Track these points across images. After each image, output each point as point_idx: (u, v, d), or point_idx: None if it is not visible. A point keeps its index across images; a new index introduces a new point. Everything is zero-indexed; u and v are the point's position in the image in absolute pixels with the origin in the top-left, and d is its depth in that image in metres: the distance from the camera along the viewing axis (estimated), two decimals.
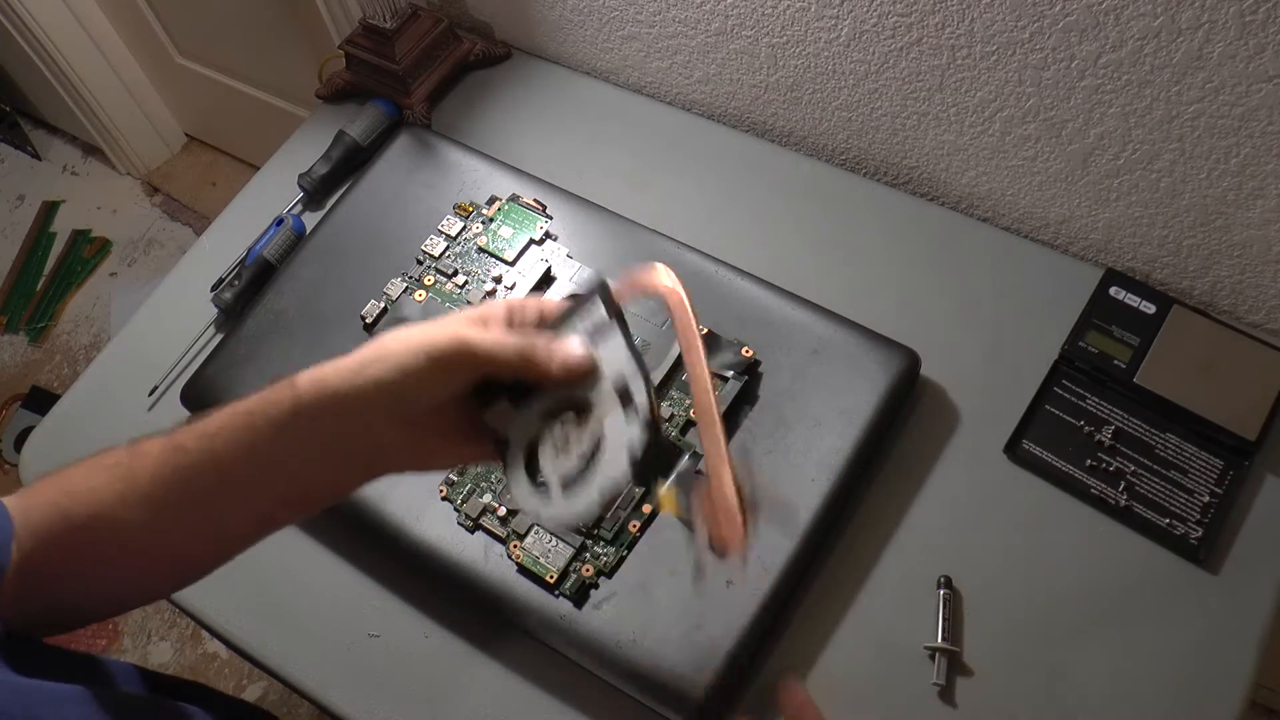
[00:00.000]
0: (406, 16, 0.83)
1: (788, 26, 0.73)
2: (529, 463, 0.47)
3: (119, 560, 0.46)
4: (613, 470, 0.44)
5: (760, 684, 0.60)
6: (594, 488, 0.44)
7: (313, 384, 0.46)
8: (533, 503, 0.46)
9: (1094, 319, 0.68)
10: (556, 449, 0.46)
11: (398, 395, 0.46)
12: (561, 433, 0.46)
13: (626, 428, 0.44)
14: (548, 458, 0.46)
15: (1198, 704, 0.57)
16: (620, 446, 0.44)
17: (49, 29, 1.55)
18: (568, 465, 0.45)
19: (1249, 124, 0.60)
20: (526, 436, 0.47)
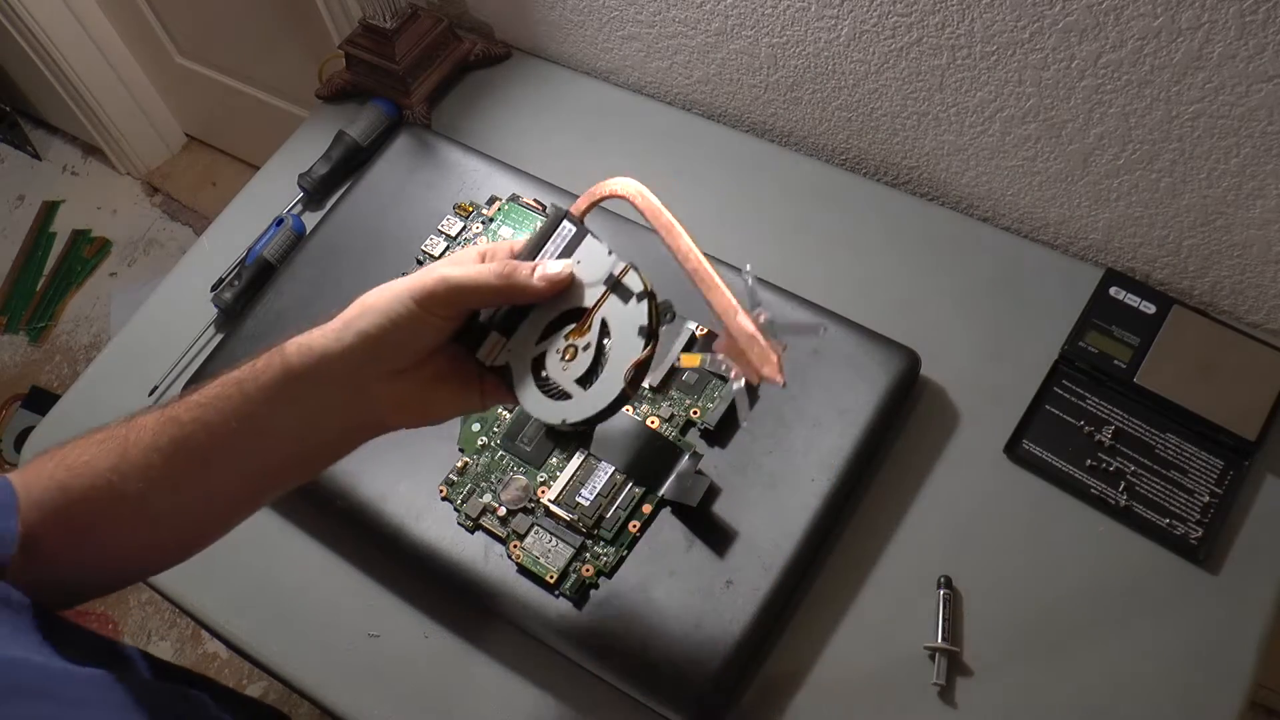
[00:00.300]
0: (406, 16, 0.83)
1: (788, 26, 0.73)
2: (538, 381, 0.48)
3: (119, 531, 0.46)
4: (626, 349, 0.46)
5: (760, 684, 0.60)
6: (614, 372, 0.46)
7: (300, 348, 0.47)
8: (555, 410, 0.47)
9: (1094, 319, 0.68)
10: (563, 358, 0.48)
11: (386, 345, 0.47)
12: (563, 343, 0.48)
13: (626, 308, 0.47)
14: (555, 368, 0.48)
15: (1198, 704, 0.57)
16: (627, 325, 0.46)
17: (49, 29, 1.55)
18: (580, 366, 0.47)
19: (1249, 124, 0.60)
20: (528, 358, 0.48)
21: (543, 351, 0.48)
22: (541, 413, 0.48)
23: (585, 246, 0.49)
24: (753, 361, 0.46)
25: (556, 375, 0.48)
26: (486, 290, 0.48)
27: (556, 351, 0.48)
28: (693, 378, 0.66)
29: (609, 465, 0.64)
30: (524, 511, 0.63)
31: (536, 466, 0.65)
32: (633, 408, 0.66)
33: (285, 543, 0.68)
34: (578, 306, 0.48)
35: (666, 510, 0.63)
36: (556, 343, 0.48)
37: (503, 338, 0.49)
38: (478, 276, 0.47)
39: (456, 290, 0.47)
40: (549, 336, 0.49)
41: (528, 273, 0.48)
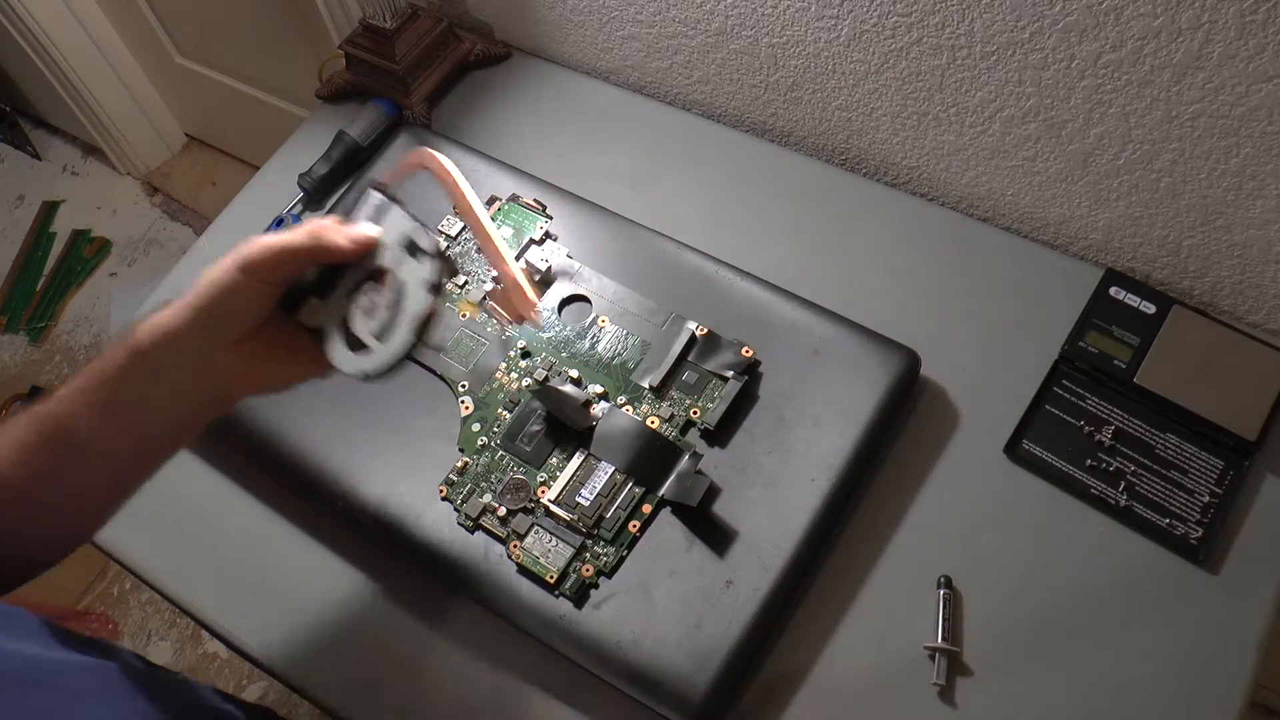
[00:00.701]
0: (406, 16, 0.83)
1: (788, 26, 0.73)
2: (347, 338, 0.54)
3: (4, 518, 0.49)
4: (415, 304, 0.52)
5: (760, 684, 0.60)
6: (403, 325, 0.52)
7: (149, 328, 0.51)
8: (355, 363, 0.53)
9: (1094, 319, 0.68)
10: (365, 314, 0.53)
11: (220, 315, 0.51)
12: (366, 300, 0.53)
13: (419, 266, 0.52)
14: (359, 323, 0.53)
15: (1198, 704, 0.57)
16: (418, 283, 0.52)
17: (49, 29, 1.56)
18: (378, 319, 0.53)
19: (1249, 124, 0.60)
20: (339, 316, 0.54)
21: (350, 310, 0.54)
22: (346, 366, 0.53)
23: (392, 214, 0.55)
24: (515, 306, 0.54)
25: (360, 331, 0.53)
26: (299, 249, 0.52)
27: (361, 310, 0.53)
28: (693, 377, 0.67)
29: (609, 465, 0.64)
30: (524, 512, 0.63)
31: (536, 466, 0.65)
32: (633, 408, 0.66)
33: (285, 543, 0.68)
34: (382, 268, 0.53)
35: (666, 510, 0.63)
36: (361, 301, 0.54)
37: (319, 301, 0.54)
38: (290, 238, 0.52)
39: (272, 252, 0.51)
40: (355, 296, 0.54)
41: (335, 232, 0.53)
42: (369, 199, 0.55)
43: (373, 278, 0.53)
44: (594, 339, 0.69)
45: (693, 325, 0.68)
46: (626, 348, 0.68)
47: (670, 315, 0.69)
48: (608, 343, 0.69)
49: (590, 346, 0.69)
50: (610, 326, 0.69)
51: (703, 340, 0.67)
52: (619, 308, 0.70)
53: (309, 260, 0.53)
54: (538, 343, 0.69)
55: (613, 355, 0.68)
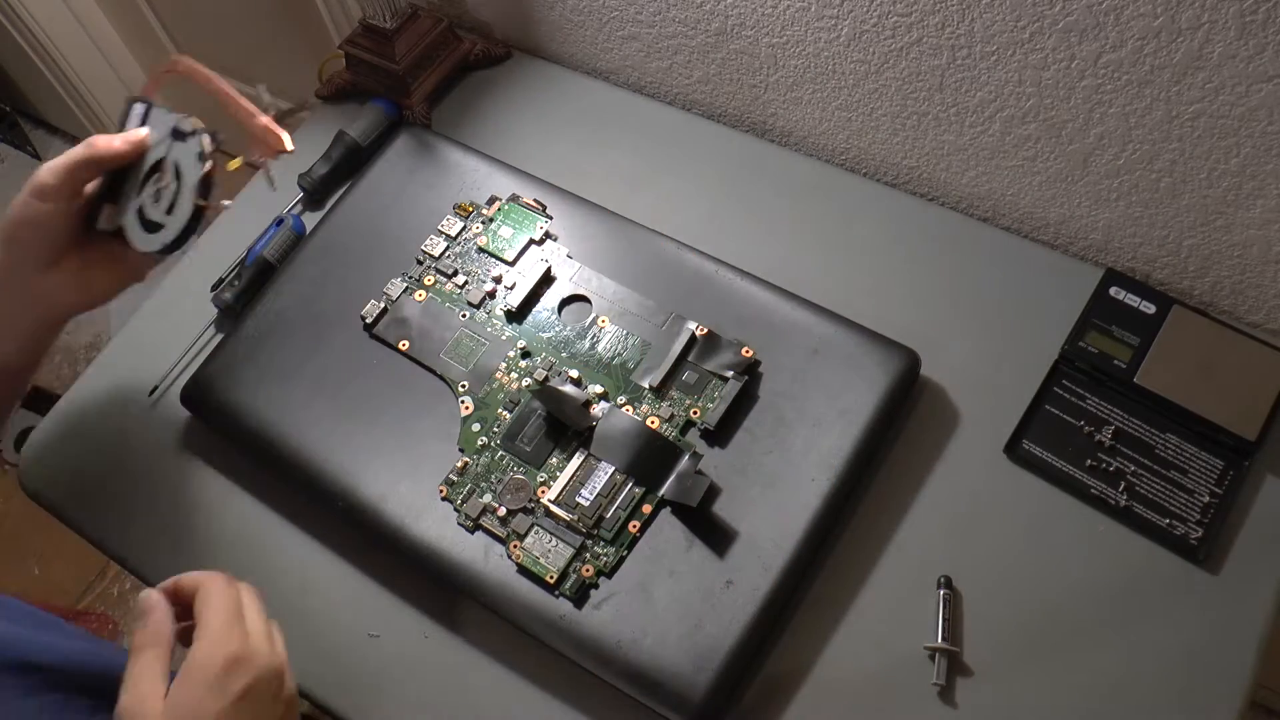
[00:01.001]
0: (406, 16, 0.83)
1: (788, 26, 0.73)
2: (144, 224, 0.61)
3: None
4: (192, 175, 0.61)
5: (760, 684, 0.60)
6: (185, 194, 0.61)
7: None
8: (155, 240, 0.61)
9: (1094, 319, 0.68)
10: (154, 200, 0.61)
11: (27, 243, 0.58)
12: (152, 189, 0.61)
13: (186, 146, 0.61)
14: (151, 210, 0.61)
15: (1198, 704, 0.57)
16: (190, 159, 0.61)
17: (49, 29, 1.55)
18: (165, 199, 0.61)
19: (1249, 124, 0.60)
20: (134, 212, 0.61)
21: (141, 203, 0.61)
22: (147, 245, 0.61)
23: (154, 115, 0.62)
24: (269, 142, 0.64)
25: (152, 214, 0.61)
26: (78, 159, 0.58)
27: (150, 198, 0.61)
28: (693, 377, 0.67)
29: (609, 465, 0.64)
30: (524, 512, 0.63)
31: (536, 466, 0.65)
32: (633, 408, 0.66)
33: (285, 543, 0.68)
34: (157, 160, 0.61)
35: (666, 510, 0.63)
36: (149, 191, 0.61)
37: (112, 205, 0.62)
38: (67, 155, 0.58)
39: (55, 170, 0.57)
40: (143, 190, 0.61)
41: (106, 139, 0.60)
42: (133, 110, 0.63)
43: (155, 170, 0.61)
44: (594, 339, 0.69)
45: (693, 325, 0.68)
46: (626, 348, 0.68)
47: (670, 315, 0.69)
48: (608, 343, 0.69)
49: (590, 346, 0.69)
50: (610, 326, 0.69)
51: (703, 340, 0.68)
52: (619, 308, 0.70)
53: (90, 168, 0.59)
54: (538, 343, 0.69)
55: (613, 355, 0.68)
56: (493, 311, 0.71)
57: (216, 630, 0.48)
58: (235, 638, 0.48)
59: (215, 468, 0.71)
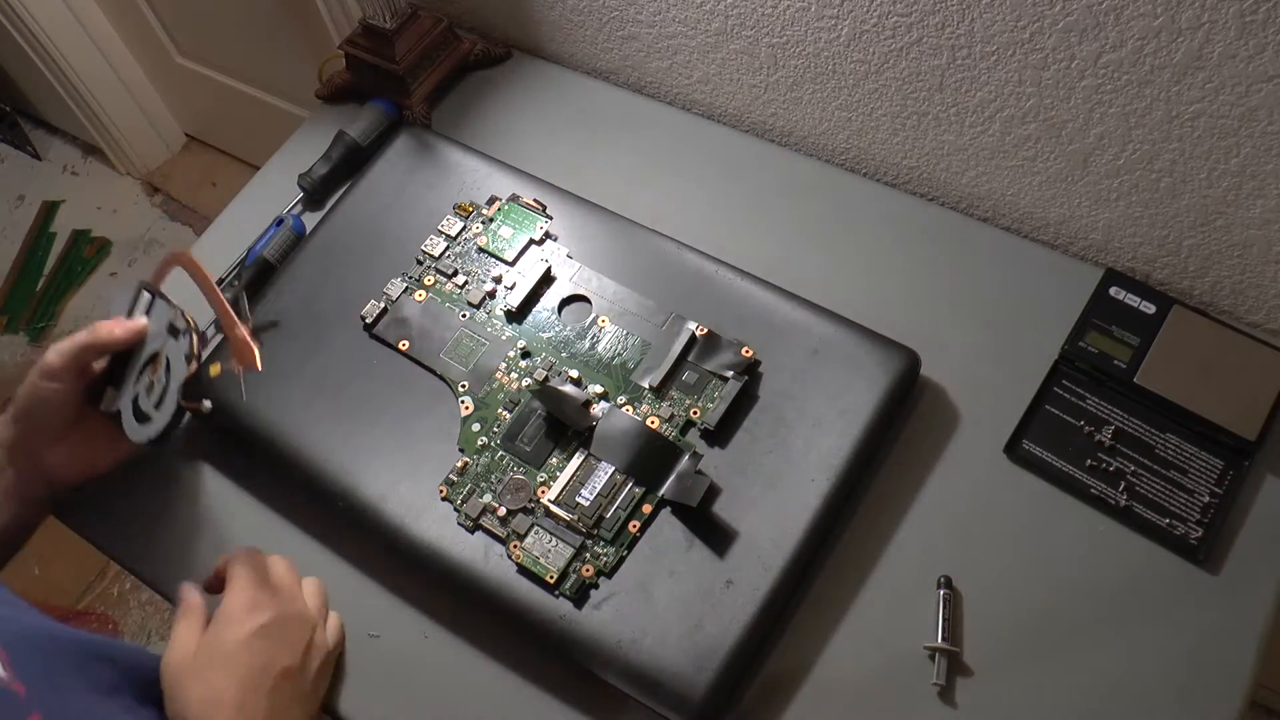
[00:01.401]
0: (406, 16, 0.83)
1: (788, 26, 0.73)
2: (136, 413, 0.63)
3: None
4: (179, 374, 0.63)
5: (760, 684, 0.60)
6: (171, 392, 0.62)
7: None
8: (142, 432, 0.63)
9: (1094, 319, 0.68)
10: (146, 391, 0.63)
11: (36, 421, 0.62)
12: (146, 379, 0.64)
13: (178, 344, 0.63)
14: (144, 400, 0.63)
15: (1198, 704, 0.57)
16: (179, 357, 0.63)
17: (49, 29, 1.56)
18: (155, 393, 0.63)
19: (1249, 124, 0.60)
20: (130, 399, 0.64)
21: (137, 392, 0.64)
22: (136, 436, 0.63)
23: (157, 307, 0.65)
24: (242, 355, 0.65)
25: (144, 405, 0.63)
26: (81, 345, 0.62)
27: (143, 388, 0.64)
28: (693, 377, 0.67)
29: (609, 465, 0.64)
30: (524, 512, 0.63)
31: (536, 466, 0.65)
32: (633, 408, 0.66)
33: (285, 543, 0.68)
34: (154, 352, 0.64)
35: (666, 510, 0.63)
36: (143, 381, 0.64)
37: (113, 389, 0.65)
38: (74, 338, 0.62)
39: (60, 354, 0.61)
40: (140, 379, 0.64)
41: (108, 327, 0.63)
42: (141, 298, 0.66)
43: (151, 361, 0.64)
44: (594, 339, 0.69)
45: (693, 325, 0.68)
46: (626, 348, 0.68)
47: (670, 315, 0.69)
48: (608, 343, 0.69)
49: (590, 346, 0.69)
50: (610, 326, 0.69)
51: (703, 340, 0.68)
52: (619, 308, 0.70)
53: (93, 352, 0.63)
54: (538, 343, 0.69)
55: (613, 355, 0.68)
56: (493, 311, 0.71)
57: (241, 586, 0.58)
58: (258, 587, 0.58)
59: (215, 467, 0.71)
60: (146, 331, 0.65)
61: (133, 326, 0.64)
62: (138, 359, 0.64)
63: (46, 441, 0.63)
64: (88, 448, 0.65)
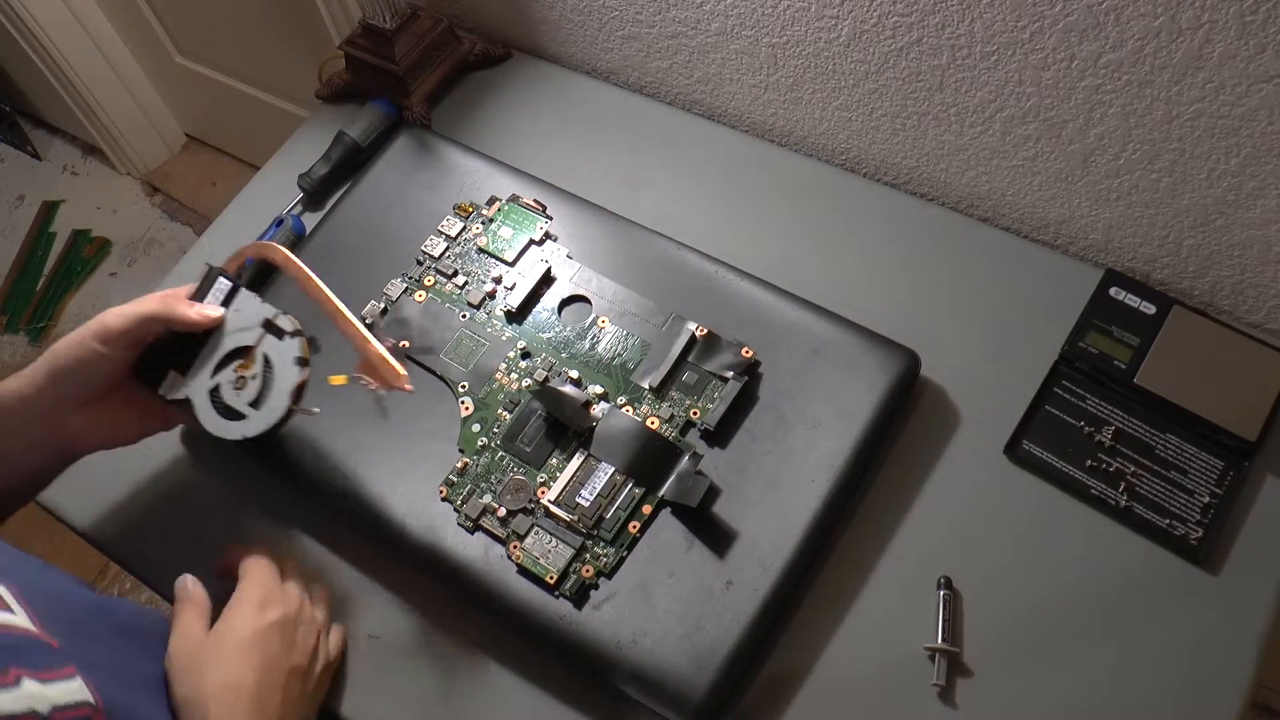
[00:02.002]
0: (406, 16, 0.83)
1: (788, 26, 0.73)
2: (216, 406, 0.60)
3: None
4: (287, 376, 0.60)
5: (760, 684, 0.60)
6: (279, 393, 0.59)
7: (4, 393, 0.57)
8: (234, 428, 0.60)
9: (1094, 319, 0.68)
10: (234, 387, 0.60)
11: (74, 381, 0.58)
12: (232, 375, 0.60)
13: (282, 344, 0.60)
14: (230, 395, 0.60)
15: (1198, 704, 0.57)
16: (285, 357, 0.60)
17: (49, 29, 1.55)
18: (250, 391, 0.60)
19: (1249, 124, 0.60)
20: (205, 390, 0.61)
21: (217, 384, 0.60)
22: (223, 431, 0.60)
23: (241, 297, 0.61)
24: (385, 376, 0.60)
25: (231, 400, 0.60)
26: (153, 314, 0.58)
27: (229, 383, 0.60)
28: (693, 378, 0.66)
29: (609, 465, 0.64)
30: (524, 512, 0.63)
31: (536, 467, 0.65)
32: (633, 408, 0.66)
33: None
34: (241, 346, 0.60)
35: (666, 510, 0.63)
36: (227, 375, 0.60)
37: (179, 375, 0.61)
38: (144, 304, 0.59)
39: (127, 318, 0.58)
40: (220, 371, 0.61)
41: (186, 305, 0.60)
42: (217, 284, 0.62)
43: (233, 357, 0.61)
44: (594, 339, 0.69)
45: (693, 326, 0.68)
46: (626, 348, 0.68)
47: (670, 315, 0.69)
48: (608, 343, 0.69)
49: (590, 347, 0.69)
50: (610, 327, 0.69)
51: (703, 341, 0.68)
52: (619, 308, 0.70)
53: (160, 325, 0.59)
54: (538, 343, 0.69)
55: (613, 356, 0.68)
56: (493, 312, 0.71)
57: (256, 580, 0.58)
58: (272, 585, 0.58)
59: (214, 468, 0.71)
60: (223, 322, 0.61)
61: (211, 314, 0.61)
62: (214, 349, 0.61)
63: (75, 404, 0.59)
64: (114, 419, 0.61)
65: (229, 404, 0.60)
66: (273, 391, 0.59)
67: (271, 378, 0.60)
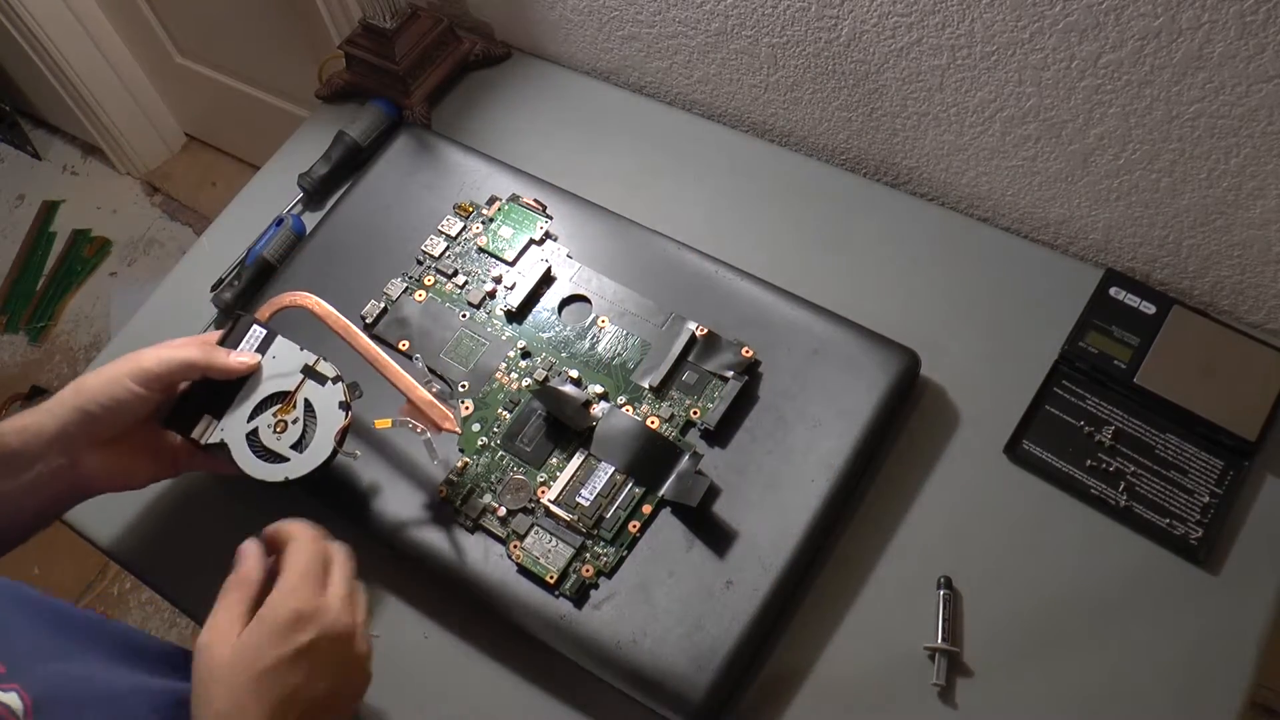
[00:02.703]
0: (406, 16, 0.83)
1: (788, 26, 0.73)
2: (254, 450, 0.61)
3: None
4: (330, 420, 0.61)
5: (760, 684, 0.60)
6: (323, 437, 0.60)
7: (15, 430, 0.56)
8: (276, 471, 0.60)
9: (1094, 319, 0.68)
10: (273, 431, 0.61)
11: (100, 420, 0.57)
12: (271, 419, 0.61)
13: (324, 390, 0.61)
14: (269, 438, 0.61)
15: (1198, 704, 0.57)
16: (328, 402, 0.61)
17: (49, 29, 1.56)
18: (291, 435, 0.61)
19: (1249, 124, 0.60)
20: (242, 433, 0.61)
21: (255, 428, 0.61)
22: (263, 474, 0.60)
23: (278, 344, 0.63)
24: (433, 419, 0.62)
25: (271, 444, 0.61)
26: (194, 362, 0.59)
27: (268, 426, 0.61)
28: (693, 377, 0.66)
29: (609, 465, 0.64)
30: (524, 512, 0.63)
31: (536, 467, 0.65)
32: (633, 408, 0.66)
33: None
34: (279, 391, 0.61)
35: (666, 510, 0.63)
36: (265, 419, 0.61)
37: (213, 419, 0.62)
38: (185, 351, 0.59)
39: (167, 364, 0.58)
40: (257, 415, 0.61)
41: (224, 353, 0.61)
42: (251, 332, 0.63)
43: (270, 402, 0.62)
44: (594, 339, 0.69)
45: (693, 325, 0.68)
46: (626, 348, 0.68)
47: (670, 315, 0.69)
48: (608, 343, 0.69)
49: (590, 346, 0.69)
50: (610, 326, 0.69)
51: (703, 340, 0.68)
52: (619, 308, 0.70)
53: (196, 372, 0.60)
54: (538, 343, 0.69)
55: (613, 355, 0.68)
56: (493, 311, 0.71)
57: (293, 582, 0.52)
58: (309, 593, 0.52)
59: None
60: (260, 368, 0.62)
61: (251, 362, 0.61)
62: (250, 394, 0.62)
63: (97, 442, 0.58)
64: (129, 462, 0.61)
65: (269, 447, 0.61)
66: (316, 435, 0.61)
67: (314, 422, 0.61)
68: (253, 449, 0.61)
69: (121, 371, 0.57)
